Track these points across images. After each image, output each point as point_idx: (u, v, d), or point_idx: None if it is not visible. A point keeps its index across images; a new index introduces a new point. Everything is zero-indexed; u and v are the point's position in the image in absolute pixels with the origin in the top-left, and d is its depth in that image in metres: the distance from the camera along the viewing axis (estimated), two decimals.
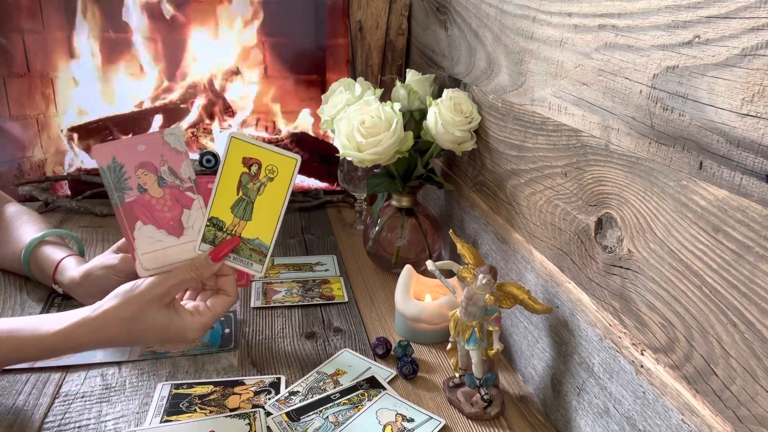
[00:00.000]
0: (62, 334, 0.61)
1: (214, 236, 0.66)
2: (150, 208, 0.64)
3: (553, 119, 0.66)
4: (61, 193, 1.34)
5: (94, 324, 0.61)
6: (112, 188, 0.62)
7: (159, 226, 0.64)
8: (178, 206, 0.65)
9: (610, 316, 0.56)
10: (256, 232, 0.66)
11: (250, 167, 0.65)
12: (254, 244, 0.66)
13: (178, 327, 0.63)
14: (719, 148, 0.42)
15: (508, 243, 0.79)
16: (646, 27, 0.49)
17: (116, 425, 0.62)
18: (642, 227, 0.51)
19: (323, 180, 1.43)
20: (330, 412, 0.65)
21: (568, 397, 0.63)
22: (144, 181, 0.63)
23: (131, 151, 0.62)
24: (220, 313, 0.67)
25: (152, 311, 0.62)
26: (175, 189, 0.64)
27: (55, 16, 1.36)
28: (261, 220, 0.66)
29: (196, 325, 0.64)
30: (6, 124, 1.32)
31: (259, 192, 0.65)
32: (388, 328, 0.84)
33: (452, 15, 0.99)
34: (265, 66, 1.53)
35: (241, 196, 0.66)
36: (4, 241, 0.90)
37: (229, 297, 0.68)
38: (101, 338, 0.62)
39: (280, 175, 0.65)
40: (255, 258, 0.67)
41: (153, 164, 0.63)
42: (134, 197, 0.63)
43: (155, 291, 0.62)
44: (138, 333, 0.62)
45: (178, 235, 0.65)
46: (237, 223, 0.66)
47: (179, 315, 0.64)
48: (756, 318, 0.39)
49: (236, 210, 0.66)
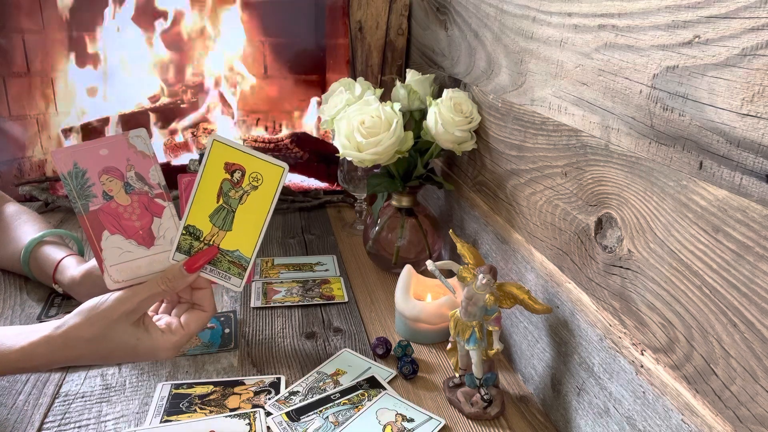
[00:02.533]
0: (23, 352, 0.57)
1: (190, 246, 0.61)
2: (117, 216, 0.59)
3: (553, 119, 0.66)
4: (61, 193, 1.34)
5: (56, 343, 0.57)
6: (74, 195, 0.58)
7: (127, 236, 0.60)
8: (148, 214, 0.60)
9: (610, 316, 0.56)
10: (237, 244, 0.61)
11: (233, 174, 0.60)
12: (233, 256, 0.62)
13: (147, 346, 0.59)
14: (719, 148, 0.42)
15: (508, 243, 0.79)
16: (646, 27, 0.49)
17: (116, 425, 0.62)
18: (642, 227, 0.51)
19: (323, 180, 1.43)
20: (330, 412, 0.65)
21: (568, 397, 0.63)
22: (109, 187, 0.58)
23: (93, 155, 0.58)
24: (195, 331, 0.62)
25: (119, 330, 0.57)
26: (143, 196, 0.60)
27: (55, 16, 1.36)
28: (242, 231, 0.61)
29: (168, 344, 0.60)
30: (6, 124, 1.32)
31: (241, 201, 0.61)
32: (388, 328, 0.84)
33: (452, 15, 0.99)
34: (265, 66, 1.53)
35: (221, 205, 0.61)
36: (4, 241, 0.90)
37: (205, 312, 0.63)
38: (68, 357, 0.58)
39: (265, 183, 0.60)
40: (234, 271, 0.62)
41: (118, 169, 0.58)
42: (99, 205, 0.58)
43: (122, 308, 0.57)
44: (105, 352, 0.58)
45: (148, 246, 0.60)
46: (216, 233, 0.61)
47: (149, 333, 0.59)
48: (756, 318, 0.39)
49: (215, 219, 0.61)
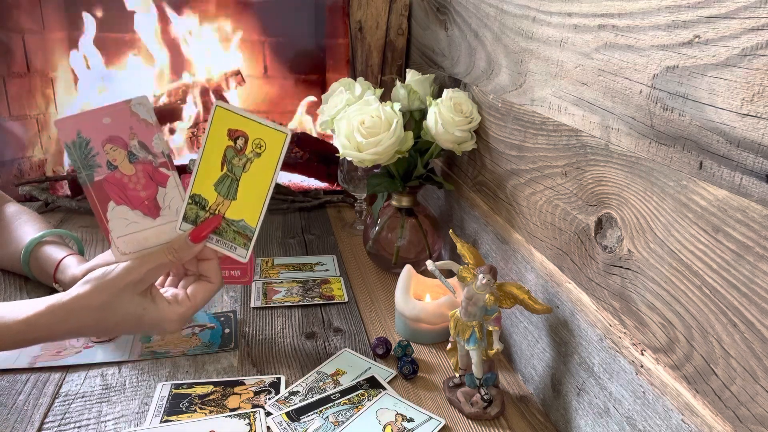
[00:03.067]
0: (28, 322, 0.56)
1: (196, 215, 0.60)
2: (122, 186, 0.58)
3: (553, 119, 0.66)
4: (61, 193, 1.34)
5: (61, 312, 0.56)
6: (79, 166, 0.57)
7: (133, 207, 0.59)
8: (153, 184, 0.59)
9: (610, 316, 0.56)
10: (241, 213, 0.61)
11: (236, 140, 0.59)
12: (238, 226, 0.61)
13: (153, 317, 0.58)
14: (719, 148, 0.42)
15: (508, 243, 0.79)
16: (646, 27, 0.49)
17: (116, 425, 0.62)
18: (642, 227, 0.51)
19: (323, 180, 1.43)
20: (330, 412, 0.65)
21: (568, 397, 0.63)
22: (113, 157, 0.58)
23: (96, 124, 0.57)
24: (201, 302, 0.61)
25: (125, 299, 0.57)
26: (147, 165, 0.59)
27: (55, 16, 1.36)
28: (246, 199, 0.60)
29: (174, 316, 0.59)
30: (6, 124, 1.32)
31: (245, 168, 0.59)
32: (388, 328, 0.84)
33: (452, 15, 0.99)
34: (265, 66, 1.53)
35: (225, 173, 0.60)
36: (4, 241, 0.90)
37: (212, 284, 0.62)
38: (70, 327, 0.57)
39: (268, 150, 0.59)
40: (239, 241, 0.61)
41: (122, 138, 0.57)
42: (104, 175, 0.58)
43: (129, 277, 0.57)
44: (110, 323, 0.58)
45: (154, 216, 0.60)
46: (221, 202, 0.60)
47: (155, 304, 0.59)
48: (756, 318, 0.39)
49: (220, 188, 0.60)
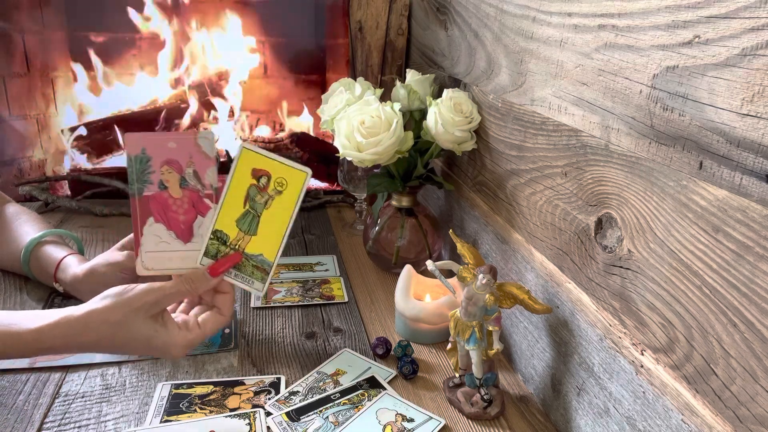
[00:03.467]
0: (41, 331, 0.57)
1: (217, 250, 0.64)
2: (166, 206, 0.63)
3: (553, 119, 0.66)
4: (61, 193, 1.34)
5: (77, 325, 0.57)
6: (133, 179, 0.62)
7: (169, 227, 0.63)
8: (193, 211, 0.64)
9: (610, 316, 0.56)
10: (260, 248, 0.65)
11: (259, 179, 0.63)
12: (257, 260, 0.65)
13: (163, 341, 0.60)
14: (719, 148, 0.42)
15: (508, 243, 0.79)
16: (646, 27, 0.49)
17: (116, 425, 0.62)
18: (642, 227, 0.51)
19: (323, 180, 1.43)
20: (330, 412, 0.65)
21: (568, 397, 0.63)
22: (167, 178, 0.62)
23: (162, 146, 0.61)
24: (210, 332, 0.64)
25: (138, 320, 0.59)
26: (194, 193, 0.63)
27: (55, 16, 1.36)
28: (266, 235, 0.64)
29: (182, 341, 0.61)
30: (6, 123, 1.32)
31: (266, 205, 0.64)
32: (388, 328, 0.84)
33: (452, 15, 0.99)
34: (265, 66, 1.53)
35: (247, 209, 0.64)
36: (4, 241, 0.90)
37: (223, 317, 0.65)
38: (83, 341, 0.58)
39: (289, 188, 0.63)
40: (257, 276, 0.65)
41: (179, 164, 0.62)
42: (153, 192, 0.62)
43: (145, 298, 0.59)
44: (119, 341, 0.59)
45: (185, 240, 0.64)
46: (241, 238, 0.64)
47: (166, 328, 0.61)
48: (756, 318, 0.39)
49: (242, 224, 0.64)
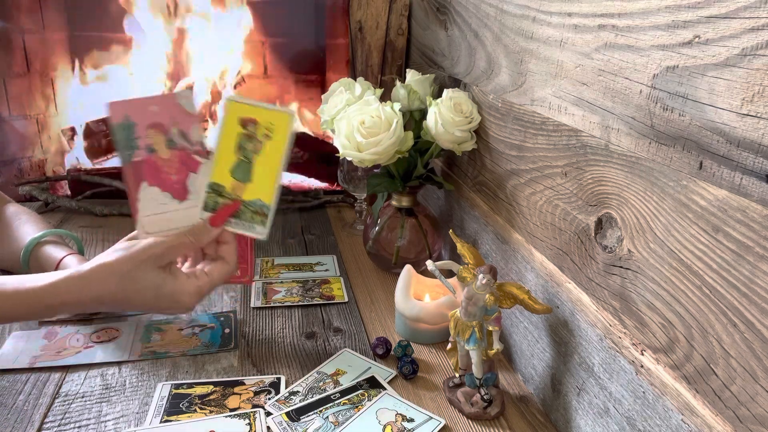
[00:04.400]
0: (49, 288, 0.58)
1: (215, 202, 0.65)
2: (157, 169, 0.63)
3: (553, 119, 0.66)
4: (61, 193, 1.34)
5: (84, 278, 0.59)
6: (121, 146, 0.62)
7: (164, 189, 0.63)
8: (185, 169, 0.64)
9: (610, 316, 0.56)
10: (257, 193, 0.66)
11: (247, 127, 0.64)
12: (255, 205, 0.66)
13: (172, 289, 0.62)
14: (719, 148, 0.42)
15: (508, 243, 0.79)
16: (646, 27, 0.49)
17: (116, 425, 0.62)
18: (642, 227, 0.51)
19: (323, 180, 1.43)
20: (330, 412, 0.65)
21: (568, 397, 0.63)
22: (154, 141, 0.62)
23: (144, 110, 0.62)
24: (218, 279, 0.65)
25: (147, 270, 0.60)
26: (183, 152, 0.64)
27: (55, 16, 1.36)
28: (261, 180, 0.65)
29: (192, 288, 0.63)
30: (6, 124, 1.32)
31: (257, 151, 0.64)
32: (388, 328, 0.84)
33: (452, 15, 0.99)
34: (265, 66, 1.53)
35: (240, 158, 0.65)
36: (4, 241, 0.90)
37: (227, 265, 0.66)
38: (91, 295, 0.59)
39: (277, 131, 0.64)
40: (257, 220, 0.66)
41: (164, 125, 0.62)
42: (142, 157, 0.62)
43: (152, 250, 0.61)
44: (130, 292, 0.60)
45: (181, 199, 0.64)
46: (237, 186, 0.65)
47: (174, 277, 0.62)
48: (756, 318, 0.39)
49: (236, 173, 0.65)
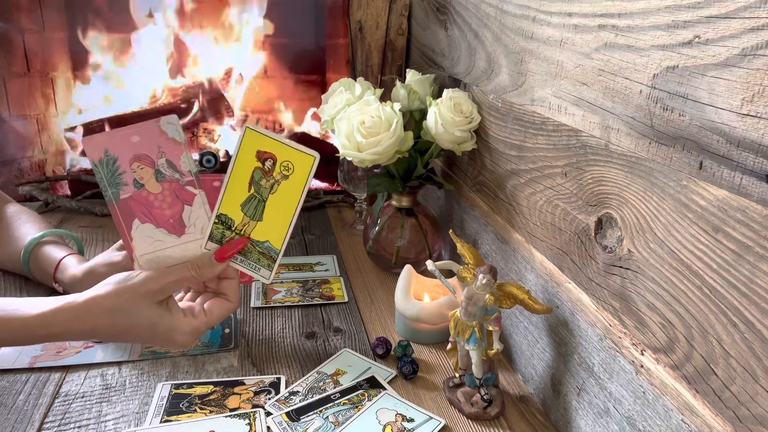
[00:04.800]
0: (44, 317, 0.57)
1: (222, 235, 0.61)
2: (148, 205, 0.59)
3: (553, 119, 0.66)
4: (61, 193, 1.34)
5: (79, 310, 0.57)
6: (105, 184, 0.58)
7: (158, 225, 0.60)
8: (179, 202, 0.60)
9: (610, 316, 0.56)
10: (267, 235, 0.62)
11: (264, 162, 0.60)
12: (263, 247, 0.62)
13: (167, 326, 0.59)
14: (719, 148, 0.42)
15: (508, 243, 0.79)
16: (646, 27, 0.49)
17: (116, 425, 0.62)
18: (642, 227, 0.51)
19: (323, 180, 1.43)
20: (330, 412, 0.65)
21: (568, 397, 0.63)
22: (140, 175, 0.58)
23: (125, 142, 0.57)
24: (217, 319, 0.62)
25: (143, 306, 0.58)
26: (174, 183, 0.59)
27: (55, 16, 1.36)
28: (272, 221, 0.61)
29: (187, 327, 0.60)
30: (6, 124, 1.32)
31: (272, 190, 0.61)
32: (388, 328, 0.84)
33: (452, 15, 0.99)
34: (265, 66, 1.53)
35: (252, 194, 0.61)
36: (4, 241, 0.90)
37: (230, 303, 0.63)
38: (84, 327, 0.58)
39: (296, 173, 0.60)
40: (263, 263, 0.62)
41: (150, 157, 0.58)
42: (130, 193, 0.58)
43: (150, 285, 0.58)
44: (124, 327, 0.58)
45: (179, 234, 0.61)
46: (247, 223, 0.61)
47: (171, 314, 0.60)
48: (756, 318, 0.39)
49: (246, 208, 0.61)
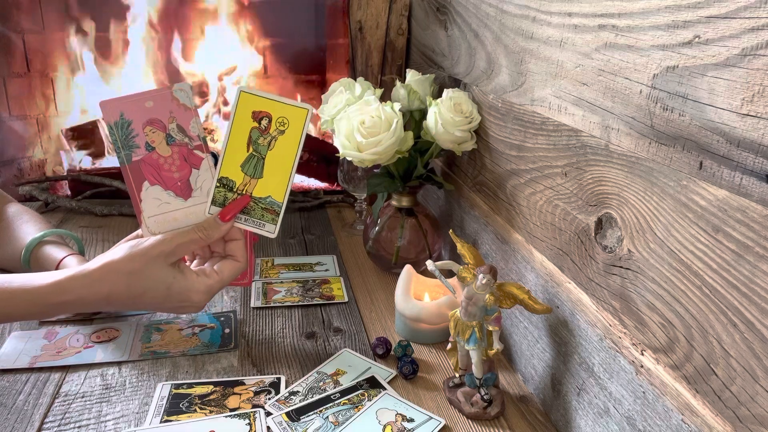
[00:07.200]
0: (58, 285, 0.57)
1: (224, 197, 0.64)
2: (158, 167, 0.61)
3: (553, 119, 0.66)
4: (61, 193, 1.34)
5: (92, 276, 0.58)
6: (119, 146, 0.60)
7: (166, 187, 0.62)
8: (187, 166, 0.62)
9: (610, 316, 0.56)
10: (268, 190, 0.64)
11: (260, 121, 0.62)
12: (266, 202, 0.64)
13: (182, 287, 0.61)
14: (719, 148, 0.42)
15: (508, 243, 0.79)
16: (646, 27, 0.49)
17: (116, 425, 0.62)
18: (642, 227, 0.51)
19: (323, 180, 1.43)
20: (330, 412, 0.65)
21: (568, 397, 0.63)
22: (152, 138, 0.61)
23: (139, 107, 0.60)
24: (228, 277, 0.64)
25: (156, 268, 0.60)
26: (183, 147, 0.62)
27: (55, 16, 1.36)
28: (272, 176, 0.64)
29: (202, 287, 0.62)
30: (6, 124, 1.32)
31: (269, 147, 0.63)
32: (388, 328, 0.84)
33: (452, 15, 0.99)
34: (265, 66, 1.53)
35: (251, 153, 0.63)
36: (5, 241, 0.90)
37: (238, 262, 0.65)
38: (99, 293, 0.59)
39: (291, 127, 0.62)
40: (267, 218, 0.64)
41: (161, 121, 0.61)
42: (142, 156, 0.61)
43: (161, 248, 0.60)
44: (139, 290, 0.60)
45: (185, 197, 0.63)
46: (248, 182, 0.64)
47: (184, 275, 0.62)
48: (756, 318, 0.39)
49: (246, 168, 0.63)
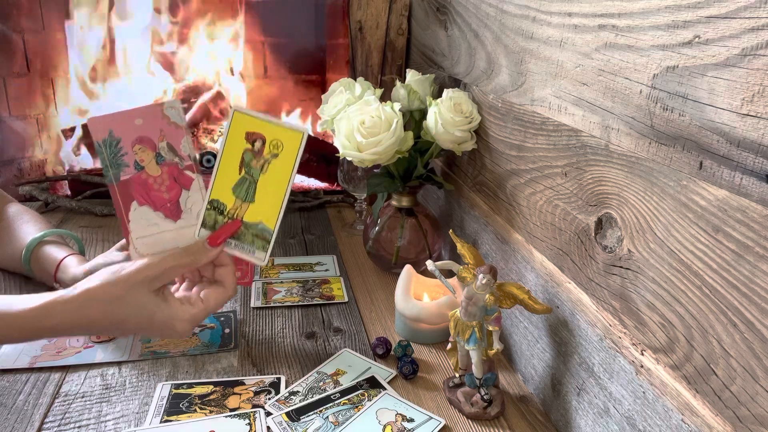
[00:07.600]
0: (37, 311, 0.56)
1: (215, 221, 0.61)
2: (147, 187, 0.59)
3: (553, 119, 0.66)
4: (61, 193, 1.34)
5: (72, 303, 0.56)
6: (107, 164, 0.58)
7: (155, 208, 0.60)
8: (177, 186, 0.60)
9: (610, 316, 0.56)
10: (260, 215, 0.61)
11: (254, 143, 0.59)
12: (257, 229, 0.61)
13: (165, 315, 0.58)
14: (719, 148, 0.42)
15: (508, 243, 0.79)
16: (646, 27, 0.49)
17: (116, 425, 0.62)
18: (642, 227, 0.51)
19: (323, 180, 1.43)
20: (330, 412, 0.65)
21: (568, 397, 0.63)
22: (141, 157, 0.58)
23: (128, 124, 0.58)
24: (213, 307, 0.61)
25: (138, 295, 0.57)
26: (173, 167, 0.60)
27: (55, 16, 1.36)
28: (265, 201, 0.61)
29: (185, 316, 0.59)
30: (6, 124, 1.32)
31: (262, 170, 0.60)
32: (388, 328, 0.84)
33: (452, 15, 0.99)
34: (265, 66, 1.53)
35: (243, 176, 0.60)
36: (5, 241, 0.90)
37: (226, 290, 0.62)
38: (80, 321, 0.57)
39: (285, 150, 0.59)
40: (258, 244, 0.62)
41: (151, 140, 0.58)
42: (130, 175, 0.58)
43: (145, 273, 0.57)
44: (121, 317, 0.57)
45: (175, 219, 0.60)
46: (239, 206, 0.61)
47: (168, 302, 0.58)
48: (756, 318, 0.39)
49: (238, 191, 0.61)
